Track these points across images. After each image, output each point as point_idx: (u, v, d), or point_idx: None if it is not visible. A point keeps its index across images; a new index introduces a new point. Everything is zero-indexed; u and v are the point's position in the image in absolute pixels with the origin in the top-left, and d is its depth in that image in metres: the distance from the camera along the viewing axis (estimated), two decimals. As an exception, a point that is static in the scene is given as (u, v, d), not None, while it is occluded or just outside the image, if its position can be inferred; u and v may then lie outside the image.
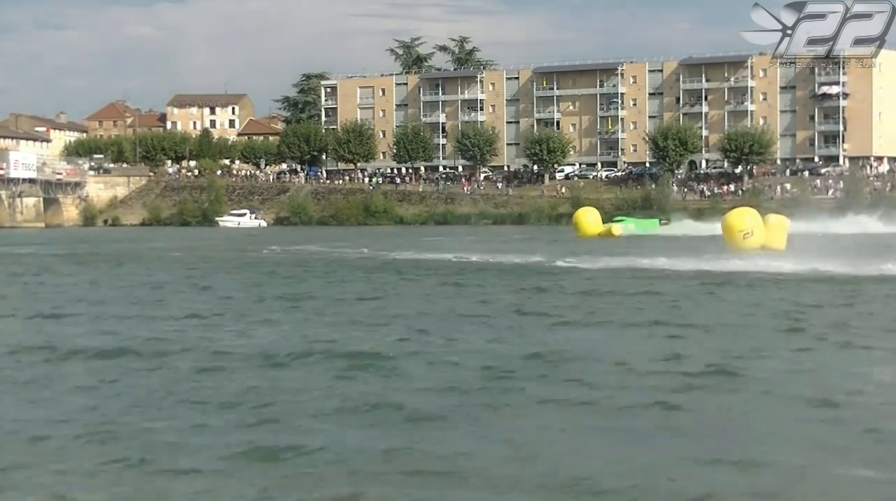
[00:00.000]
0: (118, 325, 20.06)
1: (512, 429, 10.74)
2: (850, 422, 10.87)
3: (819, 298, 23.96)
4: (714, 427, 10.81)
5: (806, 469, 9.21)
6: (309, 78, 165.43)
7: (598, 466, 9.27)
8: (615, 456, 9.65)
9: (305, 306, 23.69)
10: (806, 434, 10.49)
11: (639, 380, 13.30)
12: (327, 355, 15.58)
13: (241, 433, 10.61)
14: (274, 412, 11.63)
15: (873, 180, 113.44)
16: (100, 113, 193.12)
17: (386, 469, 9.31)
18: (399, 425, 10.98)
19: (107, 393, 13.06)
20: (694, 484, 8.70)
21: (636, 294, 25.66)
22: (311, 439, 10.24)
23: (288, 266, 40.02)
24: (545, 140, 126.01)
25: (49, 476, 9.23)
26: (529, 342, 16.81)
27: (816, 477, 9.02)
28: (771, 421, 11.03)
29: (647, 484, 8.72)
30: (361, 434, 10.55)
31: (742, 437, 10.32)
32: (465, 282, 30.34)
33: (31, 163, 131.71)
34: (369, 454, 9.74)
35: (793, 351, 15.69)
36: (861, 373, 13.68)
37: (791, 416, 11.31)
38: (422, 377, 13.77)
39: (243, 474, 9.21)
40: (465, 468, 9.27)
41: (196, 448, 10.06)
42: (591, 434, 10.61)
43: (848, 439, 10.21)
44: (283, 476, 9.16)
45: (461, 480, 8.95)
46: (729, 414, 11.41)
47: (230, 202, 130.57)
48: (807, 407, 11.69)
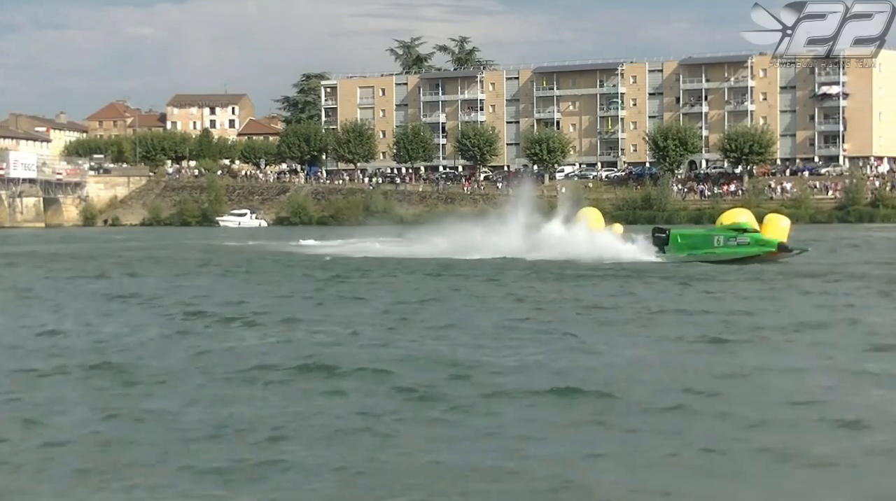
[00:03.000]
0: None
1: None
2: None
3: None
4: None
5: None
6: (309, 78, 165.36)
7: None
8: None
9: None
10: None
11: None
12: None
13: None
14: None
15: (873, 180, 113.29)
16: (100, 113, 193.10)
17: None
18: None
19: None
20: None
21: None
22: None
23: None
24: (545, 140, 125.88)
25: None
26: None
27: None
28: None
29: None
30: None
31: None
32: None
33: (31, 163, 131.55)
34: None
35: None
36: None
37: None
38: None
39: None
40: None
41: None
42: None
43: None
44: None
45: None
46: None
47: (230, 202, 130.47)
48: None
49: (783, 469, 9.88)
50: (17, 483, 9.53)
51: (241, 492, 9.22)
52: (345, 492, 9.24)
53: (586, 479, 9.48)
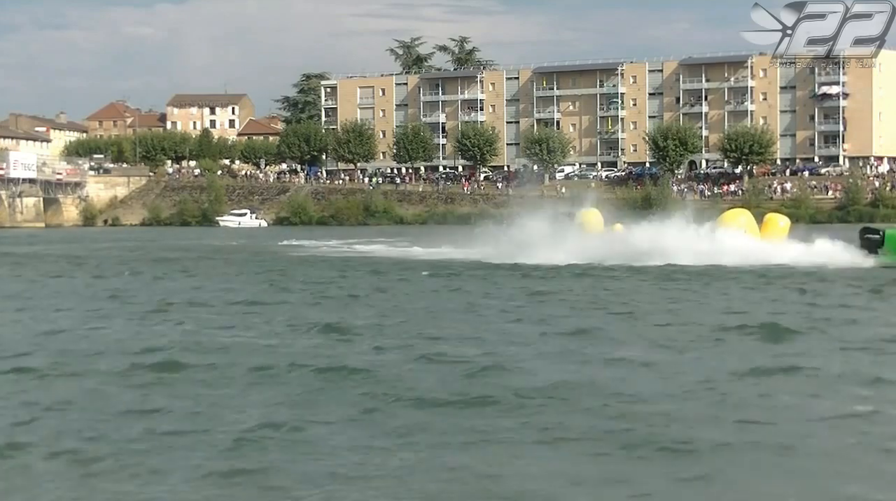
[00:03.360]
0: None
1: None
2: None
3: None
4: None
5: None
6: (309, 78, 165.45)
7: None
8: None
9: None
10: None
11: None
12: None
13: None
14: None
15: (873, 180, 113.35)
16: (100, 113, 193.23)
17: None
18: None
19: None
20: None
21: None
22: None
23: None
24: (545, 140, 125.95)
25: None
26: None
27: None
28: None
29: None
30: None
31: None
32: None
33: (31, 163, 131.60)
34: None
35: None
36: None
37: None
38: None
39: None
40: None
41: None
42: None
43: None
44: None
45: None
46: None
47: (230, 202, 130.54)
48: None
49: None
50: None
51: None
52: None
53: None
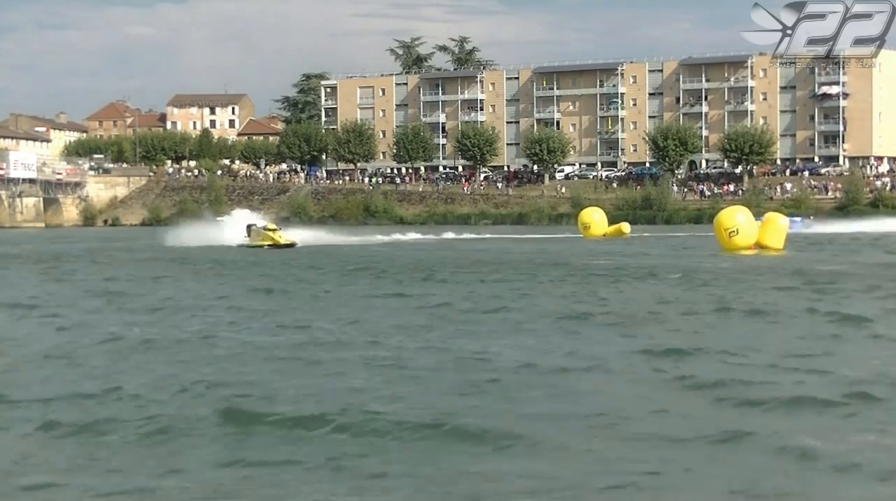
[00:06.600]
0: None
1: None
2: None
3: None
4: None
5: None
6: (309, 78, 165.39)
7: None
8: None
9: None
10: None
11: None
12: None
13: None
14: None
15: (873, 180, 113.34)
16: (100, 113, 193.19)
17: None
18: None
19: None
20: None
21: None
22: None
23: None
24: (545, 140, 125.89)
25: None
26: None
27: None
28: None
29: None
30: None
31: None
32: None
33: (31, 163, 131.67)
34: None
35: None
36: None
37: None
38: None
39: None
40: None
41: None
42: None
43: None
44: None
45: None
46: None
47: (230, 202, 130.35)
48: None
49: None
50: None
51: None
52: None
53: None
